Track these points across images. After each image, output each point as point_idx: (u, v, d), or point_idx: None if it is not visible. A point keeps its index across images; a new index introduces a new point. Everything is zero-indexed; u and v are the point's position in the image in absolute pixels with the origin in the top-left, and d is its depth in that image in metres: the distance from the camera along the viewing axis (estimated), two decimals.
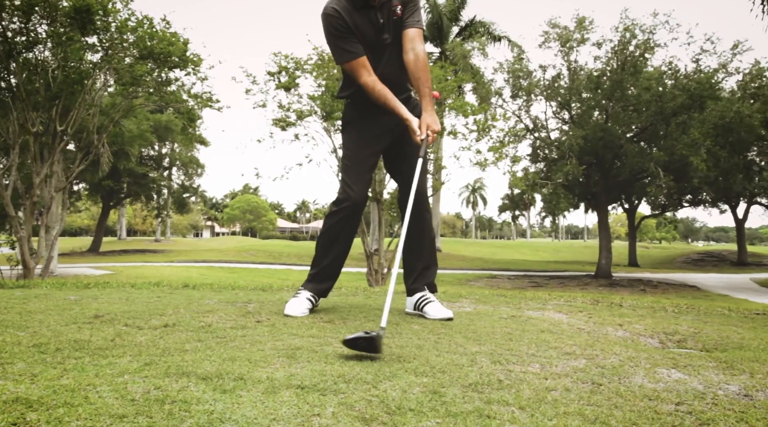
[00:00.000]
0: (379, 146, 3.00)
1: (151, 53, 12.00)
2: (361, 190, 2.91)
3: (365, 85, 2.80)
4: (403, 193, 3.03)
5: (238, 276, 24.66)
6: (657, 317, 3.32)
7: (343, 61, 2.83)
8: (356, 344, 1.90)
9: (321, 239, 3.01)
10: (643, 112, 22.25)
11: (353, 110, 3.01)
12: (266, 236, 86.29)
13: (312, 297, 2.93)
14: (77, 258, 31.39)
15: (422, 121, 2.76)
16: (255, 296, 3.74)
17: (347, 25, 2.78)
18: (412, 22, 2.87)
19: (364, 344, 1.90)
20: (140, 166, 31.17)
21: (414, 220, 2.99)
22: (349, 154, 2.98)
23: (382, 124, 2.91)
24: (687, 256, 43.17)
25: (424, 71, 2.83)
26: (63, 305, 3.00)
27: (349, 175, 2.93)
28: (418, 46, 2.86)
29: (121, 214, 51.66)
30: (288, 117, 14.22)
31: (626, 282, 23.29)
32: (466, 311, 3.25)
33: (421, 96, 2.84)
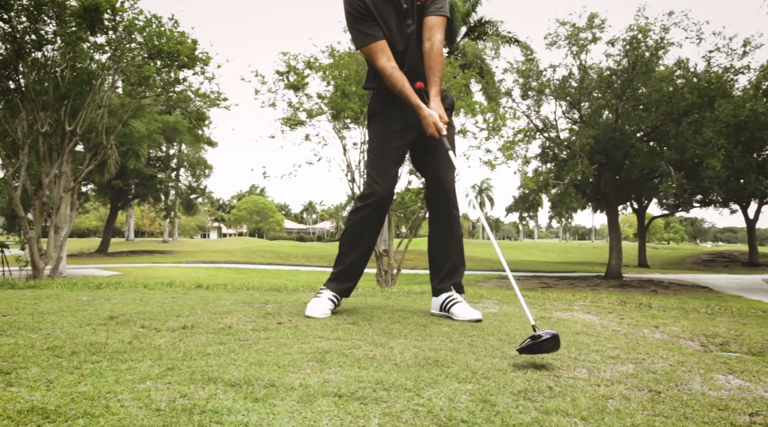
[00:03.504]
0: (406, 139, 2.88)
1: (159, 53, 11.93)
2: (387, 184, 2.79)
3: (382, 71, 2.68)
4: (431, 188, 2.91)
5: (246, 277, 24.60)
6: (691, 318, 3.19)
7: (362, 44, 2.72)
8: (544, 347, 1.82)
9: (345, 235, 2.89)
10: (653, 111, 22.03)
11: (379, 102, 2.89)
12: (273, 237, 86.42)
13: (334, 297, 2.81)
14: (86, 259, 31.43)
15: (431, 113, 2.64)
16: (271, 297, 3.63)
17: (368, 7, 2.67)
18: (435, 9, 2.74)
19: (552, 344, 1.83)
20: (148, 168, 31.18)
21: (443, 217, 2.88)
22: (375, 147, 2.86)
23: (409, 116, 2.78)
24: (697, 257, 42.82)
25: (437, 61, 2.73)
26: (76, 305, 2.90)
27: (375, 169, 2.82)
28: (437, 35, 2.73)
29: (129, 215, 51.72)
30: (297, 116, 14.13)
31: (637, 283, 23.07)
32: (492, 312, 3.13)
33: (430, 84, 2.73)
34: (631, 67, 22.15)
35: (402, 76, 2.68)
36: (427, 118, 2.62)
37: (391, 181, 2.82)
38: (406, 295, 4.03)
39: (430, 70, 2.72)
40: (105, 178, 22.80)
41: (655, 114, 22.03)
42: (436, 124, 2.61)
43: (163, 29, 11.92)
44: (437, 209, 2.89)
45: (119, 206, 35.28)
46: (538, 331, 1.87)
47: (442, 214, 2.87)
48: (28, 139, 11.76)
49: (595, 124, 22.70)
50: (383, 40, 2.69)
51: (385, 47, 2.69)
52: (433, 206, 2.90)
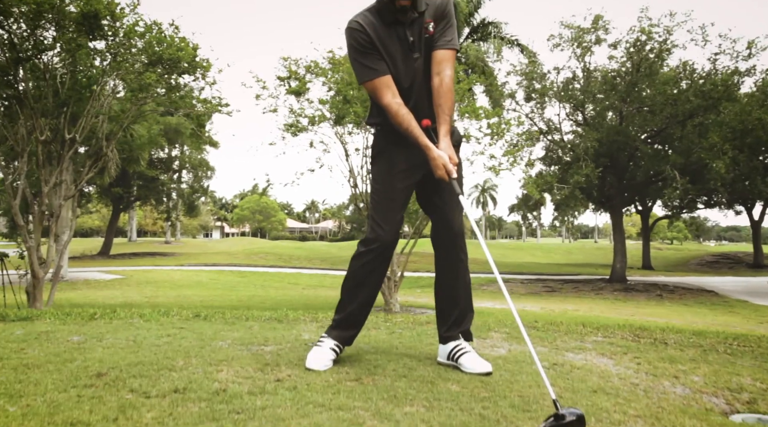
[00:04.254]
0: (413, 179, 2.72)
1: (160, 59, 11.79)
2: (391, 229, 2.65)
3: (387, 108, 2.54)
4: (438, 230, 2.76)
5: (248, 280, 24.49)
6: (711, 360, 3.04)
7: (365, 79, 2.57)
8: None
9: (347, 282, 2.74)
10: (657, 114, 21.84)
11: (383, 139, 2.74)
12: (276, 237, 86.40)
13: (336, 347, 2.66)
14: (88, 262, 31.35)
15: (440, 154, 2.48)
16: (271, 333, 3.48)
17: (371, 41, 2.53)
18: (444, 42, 2.60)
19: None
20: (150, 170, 31.06)
21: (450, 261, 2.73)
22: (379, 188, 2.70)
23: (417, 155, 2.62)
24: (701, 258, 42.59)
25: (448, 98, 2.58)
26: (65, 352, 2.76)
27: (379, 212, 2.66)
28: (446, 70, 2.59)
29: (131, 216, 51.70)
30: (299, 122, 13.99)
31: (642, 287, 22.91)
32: (501, 357, 2.98)
33: (439, 122, 2.58)
34: (635, 70, 21.97)
35: (408, 113, 2.53)
36: (437, 160, 2.47)
37: (395, 226, 2.68)
38: (411, 327, 3.88)
39: (439, 108, 2.57)
40: (105, 181, 22.68)
41: (660, 117, 21.85)
42: (445, 167, 2.47)
43: (164, 35, 11.78)
44: (444, 253, 2.75)
45: (121, 208, 35.20)
46: (561, 409, 1.73)
47: (450, 258, 2.73)
48: (27, 147, 11.64)
49: (600, 127, 22.53)
50: (388, 75, 2.54)
51: (390, 83, 2.54)
52: (440, 249, 2.76)
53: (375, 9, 2.56)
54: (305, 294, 20.05)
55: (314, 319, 4.22)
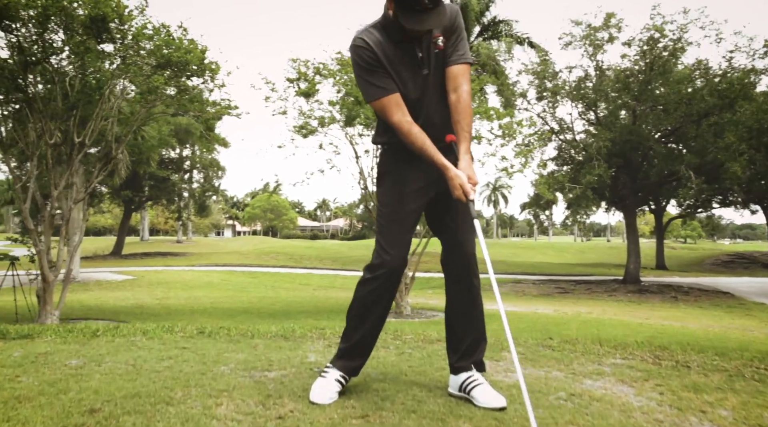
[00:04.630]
0: (424, 199, 2.58)
1: (168, 62, 11.72)
2: (399, 254, 2.51)
3: (398, 127, 2.41)
4: (448, 252, 2.62)
5: (259, 281, 24.46)
6: (738, 389, 2.88)
7: (373, 98, 2.45)
8: None
9: (352, 309, 2.61)
10: (671, 113, 21.51)
11: (391, 159, 2.60)
12: (287, 235, 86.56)
13: (342, 378, 2.53)
14: (100, 262, 31.48)
15: (458, 174, 2.36)
16: (276, 355, 3.36)
17: (378, 58, 2.40)
18: (457, 56, 2.47)
19: None
20: (161, 170, 31.13)
21: (462, 286, 2.59)
22: (386, 211, 2.56)
23: (426, 175, 2.50)
24: (716, 257, 42.07)
25: (466, 114, 2.46)
26: (61, 380, 2.65)
27: (385, 236, 2.53)
28: (463, 86, 2.47)
29: (143, 216, 51.94)
30: (309, 124, 13.88)
31: (656, 288, 22.61)
32: (516, 386, 2.83)
33: (458, 141, 2.46)
34: (649, 68, 21.65)
35: (421, 132, 2.41)
36: (455, 180, 2.35)
37: (404, 249, 2.54)
38: (420, 346, 3.74)
39: (458, 125, 2.45)
40: (116, 182, 22.73)
41: (674, 116, 21.52)
42: (463, 187, 2.34)
43: (172, 38, 11.71)
44: (455, 277, 2.60)
45: (132, 209, 35.32)
46: None
47: (461, 283, 2.59)
48: (36, 150, 11.62)
49: (613, 127, 22.24)
50: (397, 93, 2.42)
51: (400, 101, 2.42)
52: (451, 274, 2.62)
53: (381, 25, 2.44)
54: (316, 295, 19.97)
55: (321, 335, 4.10)
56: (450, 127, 2.49)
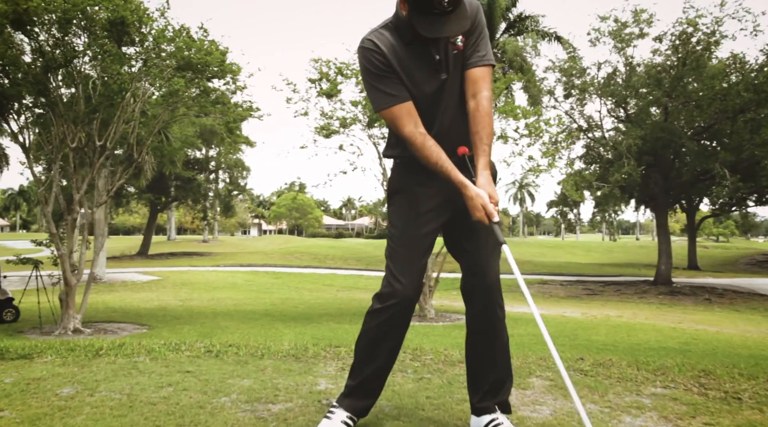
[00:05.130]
0: (440, 221, 2.31)
1: (189, 64, 11.61)
2: (412, 282, 2.23)
3: (410, 139, 2.14)
4: (468, 279, 2.34)
5: (282, 282, 24.39)
6: None
7: (382, 107, 2.18)
8: None
9: (360, 343, 2.35)
10: (705, 109, 20.80)
11: (403, 174, 2.33)
12: (312, 234, 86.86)
13: (349, 419, 2.27)
14: (126, 262, 31.82)
15: (479, 193, 2.07)
16: (284, 381, 3.12)
17: (388, 62, 2.13)
18: (478, 58, 2.18)
19: None
20: (187, 171, 31.29)
21: (484, 317, 2.31)
22: (397, 234, 2.28)
23: (442, 193, 2.23)
24: (751, 257, 40.86)
25: (485, 123, 2.16)
26: (46, 415, 2.45)
27: (397, 262, 2.25)
28: (483, 91, 2.18)
29: (170, 216, 52.48)
30: (331, 124, 13.68)
31: (688, 290, 21.93)
32: (546, 424, 2.54)
33: (476, 154, 2.16)
34: (682, 63, 20.96)
35: (436, 145, 2.13)
36: (474, 200, 2.06)
37: (417, 277, 2.26)
38: (441, 370, 3.47)
39: (476, 136, 2.16)
40: (142, 183, 22.86)
41: (708, 112, 20.81)
42: (485, 208, 2.06)
43: (192, 40, 11.61)
44: (477, 307, 2.32)
45: (159, 209, 35.63)
46: None
47: (483, 314, 2.30)
48: (59, 154, 11.63)
49: (643, 124, 21.61)
50: (409, 102, 2.14)
51: (412, 110, 2.14)
52: (473, 303, 2.33)
53: (392, 25, 2.16)
54: (339, 297, 19.80)
55: (336, 355, 3.85)
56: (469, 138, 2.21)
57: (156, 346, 3.89)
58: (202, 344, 4.06)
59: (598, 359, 3.89)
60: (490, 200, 2.06)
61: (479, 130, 2.15)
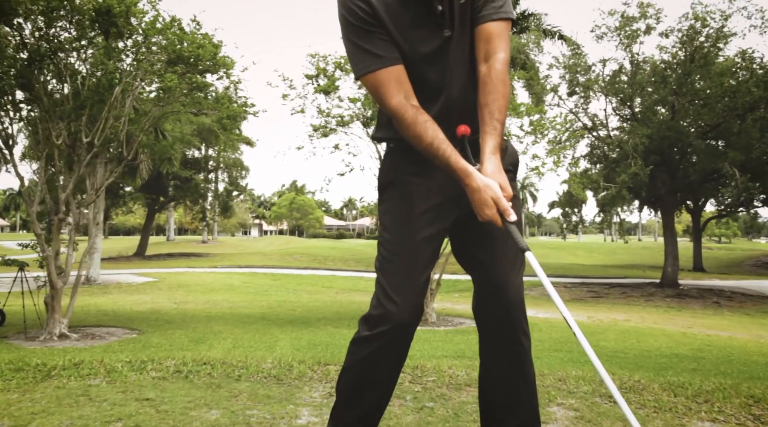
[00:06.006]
0: (443, 223, 1.79)
1: (180, 57, 11.13)
2: (408, 302, 1.70)
3: (397, 114, 1.63)
4: (482, 296, 1.82)
5: (281, 284, 23.91)
6: None
7: (363, 70, 1.66)
8: None
9: (343, 381, 1.84)
10: (713, 107, 20.29)
11: (397, 163, 1.81)
12: (313, 234, 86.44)
13: None
14: (123, 263, 31.33)
15: (487, 184, 1.55)
16: (259, 411, 2.63)
17: (375, 13, 1.62)
18: (493, 10, 1.67)
19: None
20: (184, 170, 30.78)
21: (503, 346, 1.80)
22: (390, 240, 1.76)
23: (447, 186, 1.72)
24: (756, 258, 40.28)
25: (498, 94, 1.63)
26: None
27: (390, 276, 1.73)
28: (499, 53, 1.65)
29: (170, 215, 51.99)
30: (328, 123, 13.20)
31: (696, 292, 21.41)
32: None
33: (483, 132, 1.63)
34: (689, 60, 20.46)
35: (431, 122, 1.62)
36: (482, 193, 1.55)
37: (415, 295, 1.73)
38: (446, 396, 2.98)
39: (485, 109, 1.63)
40: (137, 183, 22.38)
41: (716, 110, 20.29)
42: (497, 203, 1.54)
43: (184, 32, 11.13)
44: (493, 334, 1.81)
45: (156, 209, 35.14)
46: None
47: (503, 343, 1.79)
48: (44, 151, 11.15)
49: (649, 122, 21.10)
50: (399, 65, 1.64)
51: (402, 76, 1.64)
52: (487, 328, 1.82)
53: None
54: (338, 299, 19.32)
55: (324, 375, 3.36)
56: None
57: (118, 364, 3.40)
58: (172, 361, 3.56)
59: (625, 379, 3.39)
60: (503, 193, 1.55)
61: (489, 102, 1.62)
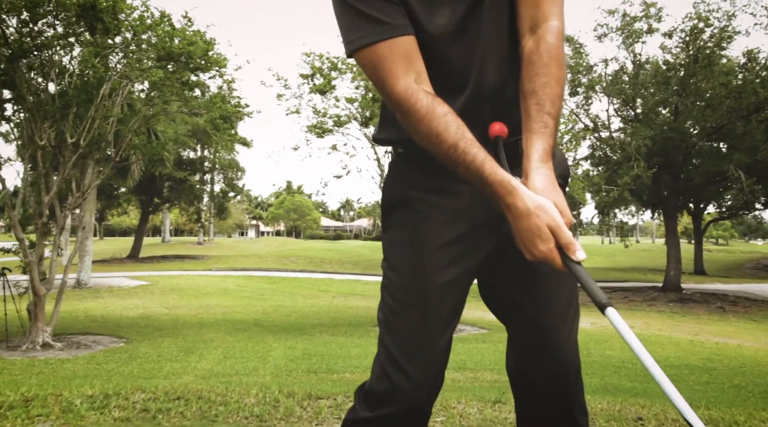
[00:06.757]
0: (471, 261, 1.27)
1: (170, 55, 10.71)
2: (428, 372, 1.21)
3: (402, 103, 1.13)
4: (526, 360, 1.33)
5: (276, 287, 23.44)
6: None
7: (359, 42, 1.16)
8: None
9: None
10: (716, 108, 19.92)
11: (409, 177, 1.29)
12: (310, 235, 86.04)
13: None
14: (116, 265, 30.83)
15: (540, 205, 1.05)
16: None
17: None
18: None
19: None
20: (179, 172, 30.28)
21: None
22: (399, 284, 1.24)
23: (479, 208, 1.22)
24: (757, 261, 39.98)
25: (550, 76, 1.13)
26: None
27: (399, 336, 1.22)
28: (550, 21, 1.17)
29: (165, 216, 51.49)
30: (324, 123, 12.78)
31: (699, 297, 21.02)
32: None
33: (529, 133, 1.13)
34: (693, 60, 20.08)
35: (452, 116, 1.12)
36: (531, 219, 1.04)
37: (435, 362, 1.23)
38: None
39: (531, 98, 1.13)
40: (129, 184, 21.91)
41: (719, 111, 19.90)
42: (555, 234, 1.04)
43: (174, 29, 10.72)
44: (538, 406, 1.32)
45: (150, 211, 34.62)
46: None
47: (551, 420, 1.30)
48: (27, 152, 10.73)
49: (652, 123, 20.73)
50: (409, 37, 1.15)
51: (413, 52, 1.15)
52: (529, 398, 1.34)
53: None
54: (335, 304, 18.86)
55: (315, 414, 2.92)
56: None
57: (77, 401, 2.95)
58: (141, 395, 3.12)
59: (658, 416, 2.96)
60: (564, 218, 1.06)
61: (537, 89, 1.13)
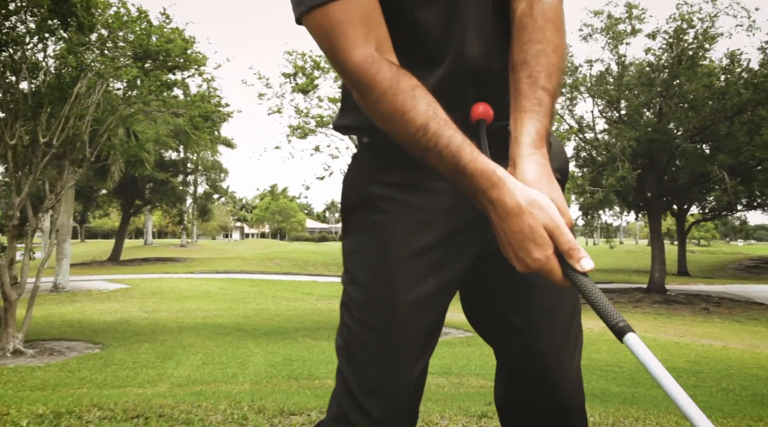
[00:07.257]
0: (450, 274, 1.05)
1: (147, 53, 10.42)
2: (398, 411, 1.01)
3: (360, 76, 0.90)
4: (518, 388, 1.13)
5: (260, 290, 23.11)
6: None
7: (309, 3, 0.91)
8: None
9: None
10: (699, 109, 19.98)
11: (374, 171, 1.07)
12: (295, 237, 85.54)
13: None
14: (96, 268, 30.27)
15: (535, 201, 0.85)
16: None
17: None
18: None
19: None
20: (161, 173, 29.79)
21: None
22: (361, 302, 1.04)
23: (460, 208, 1.01)
24: (739, 262, 40.30)
25: (545, 42, 0.95)
26: None
27: (361, 367, 1.03)
28: None
29: (147, 218, 50.83)
30: (307, 123, 12.53)
31: (683, 298, 21.06)
32: None
33: (519, 110, 0.93)
34: (677, 62, 20.12)
35: (421, 91, 0.91)
36: (522, 219, 0.84)
37: (407, 398, 1.03)
38: None
39: (523, 69, 0.95)
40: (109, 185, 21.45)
41: (702, 113, 19.96)
42: (554, 236, 0.86)
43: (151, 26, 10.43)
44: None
45: (131, 213, 34.05)
46: None
47: None
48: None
49: (636, 125, 20.74)
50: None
51: (374, 14, 0.92)
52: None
53: None
54: (318, 307, 18.59)
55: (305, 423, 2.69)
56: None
57: (24, 422, 2.69)
58: (97, 412, 2.86)
59: None
60: (565, 219, 0.88)
61: (529, 59, 0.94)
